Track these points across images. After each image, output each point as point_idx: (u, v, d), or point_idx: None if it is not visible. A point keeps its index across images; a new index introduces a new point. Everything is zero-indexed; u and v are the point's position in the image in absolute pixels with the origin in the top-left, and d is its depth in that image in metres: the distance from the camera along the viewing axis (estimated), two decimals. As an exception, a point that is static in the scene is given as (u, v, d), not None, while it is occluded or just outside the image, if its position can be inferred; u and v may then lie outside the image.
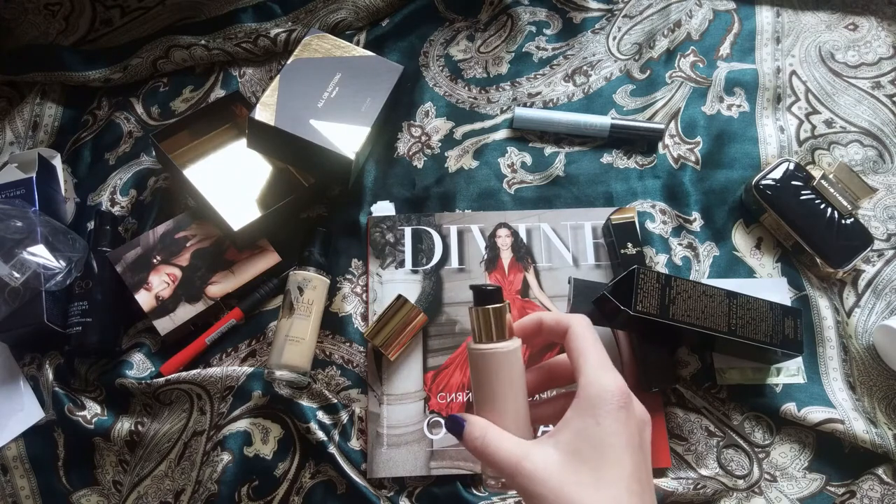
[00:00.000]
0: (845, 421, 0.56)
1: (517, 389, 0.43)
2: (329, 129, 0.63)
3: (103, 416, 0.61)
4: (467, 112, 0.73)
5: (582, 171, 0.69)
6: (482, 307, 0.43)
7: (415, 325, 0.60)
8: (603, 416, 0.37)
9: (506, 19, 0.77)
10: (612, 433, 0.37)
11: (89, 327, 0.61)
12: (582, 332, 0.42)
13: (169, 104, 0.76)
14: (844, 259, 0.61)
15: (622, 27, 0.76)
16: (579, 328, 0.42)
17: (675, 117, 0.70)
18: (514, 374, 0.43)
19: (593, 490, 0.36)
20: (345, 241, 0.67)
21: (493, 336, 0.43)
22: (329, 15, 0.76)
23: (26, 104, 0.76)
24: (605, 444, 0.37)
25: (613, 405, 0.38)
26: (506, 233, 0.65)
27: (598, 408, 0.38)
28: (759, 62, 0.72)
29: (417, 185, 0.69)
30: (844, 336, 0.61)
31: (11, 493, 0.60)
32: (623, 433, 0.37)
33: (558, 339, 0.43)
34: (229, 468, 0.57)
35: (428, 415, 0.59)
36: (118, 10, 0.80)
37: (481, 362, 0.43)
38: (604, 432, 0.37)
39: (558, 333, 0.43)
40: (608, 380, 0.39)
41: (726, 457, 0.58)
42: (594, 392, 0.38)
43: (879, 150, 0.68)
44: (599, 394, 0.38)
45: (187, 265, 0.64)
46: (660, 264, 0.64)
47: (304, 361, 0.59)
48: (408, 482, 0.58)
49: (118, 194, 0.70)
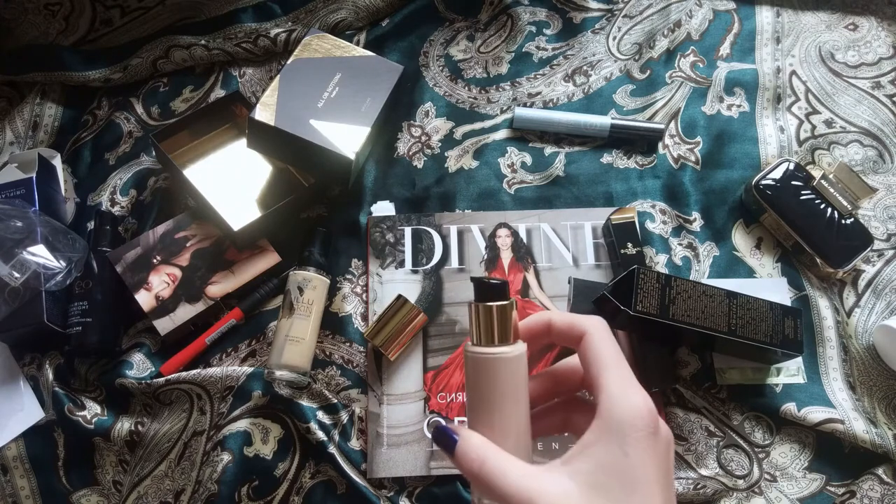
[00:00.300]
0: (845, 421, 0.56)
1: (520, 402, 0.37)
2: (329, 129, 0.63)
3: (103, 416, 0.61)
4: (467, 112, 0.73)
5: (582, 171, 0.69)
6: (484, 304, 0.37)
7: (415, 325, 0.60)
8: (632, 445, 0.32)
9: (506, 19, 0.77)
10: (641, 465, 0.32)
11: (89, 327, 0.61)
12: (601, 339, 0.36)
13: (169, 104, 0.76)
14: (844, 259, 0.61)
15: (622, 27, 0.76)
16: (598, 334, 0.36)
17: (675, 117, 0.70)
18: (517, 384, 0.37)
19: None
20: (345, 241, 0.67)
21: (496, 338, 0.36)
22: (329, 15, 0.76)
23: (26, 104, 0.76)
24: (634, 478, 0.32)
25: (644, 432, 0.32)
26: (506, 233, 0.65)
27: (626, 434, 0.32)
28: (759, 62, 0.72)
29: (417, 185, 0.69)
30: (844, 336, 0.61)
31: (11, 493, 0.60)
32: (653, 464, 0.32)
33: (571, 344, 0.38)
34: (229, 468, 0.57)
35: (428, 415, 0.59)
36: (118, 10, 0.80)
37: (480, 368, 0.37)
38: (632, 464, 0.32)
39: (572, 338, 0.37)
40: (636, 400, 0.33)
41: (726, 457, 0.58)
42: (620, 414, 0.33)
43: (879, 150, 0.68)
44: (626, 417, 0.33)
45: (187, 265, 0.64)
46: (660, 264, 0.64)
47: (304, 361, 0.59)
48: (408, 482, 0.58)
49: (118, 194, 0.70)
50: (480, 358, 0.37)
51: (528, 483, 0.32)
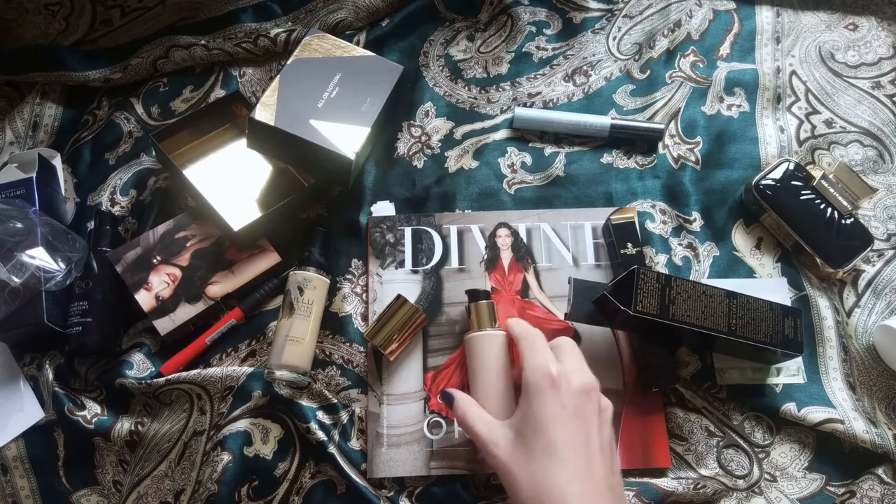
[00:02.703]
0: (845, 421, 0.56)
1: (501, 371, 0.53)
2: (329, 129, 0.63)
3: (103, 416, 0.61)
4: (467, 112, 0.73)
5: (582, 171, 0.69)
6: (476, 302, 0.57)
7: (414, 324, 0.60)
8: (533, 397, 0.46)
9: (506, 19, 0.77)
10: (542, 412, 0.45)
11: (89, 327, 0.61)
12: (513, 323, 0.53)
13: (169, 104, 0.76)
14: (844, 259, 0.61)
15: (622, 27, 0.76)
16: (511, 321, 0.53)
17: (675, 117, 0.70)
18: (498, 356, 0.54)
19: (525, 462, 0.44)
20: (345, 241, 0.67)
21: (484, 324, 0.56)
22: (329, 15, 0.76)
23: (26, 104, 0.76)
24: (538, 423, 0.45)
25: (541, 387, 0.46)
26: (506, 233, 0.65)
27: (529, 391, 0.46)
28: (759, 62, 0.72)
29: (417, 185, 0.69)
30: (844, 336, 0.61)
31: (11, 493, 0.60)
32: (553, 411, 0.45)
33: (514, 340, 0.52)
34: (229, 468, 0.57)
35: (428, 415, 0.59)
36: (118, 10, 0.80)
37: (473, 345, 0.56)
38: (535, 412, 0.45)
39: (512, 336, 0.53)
40: (533, 363, 0.47)
41: (726, 457, 0.57)
42: (526, 376, 0.47)
43: (879, 150, 0.68)
44: (528, 377, 0.47)
45: (187, 265, 0.64)
46: (660, 264, 0.64)
47: (304, 361, 0.59)
48: (408, 482, 0.58)
49: (118, 194, 0.70)
50: (474, 337, 0.56)
51: (487, 430, 0.48)
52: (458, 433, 0.58)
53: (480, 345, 0.55)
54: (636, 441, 0.57)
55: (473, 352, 0.55)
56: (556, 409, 0.45)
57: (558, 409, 0.45)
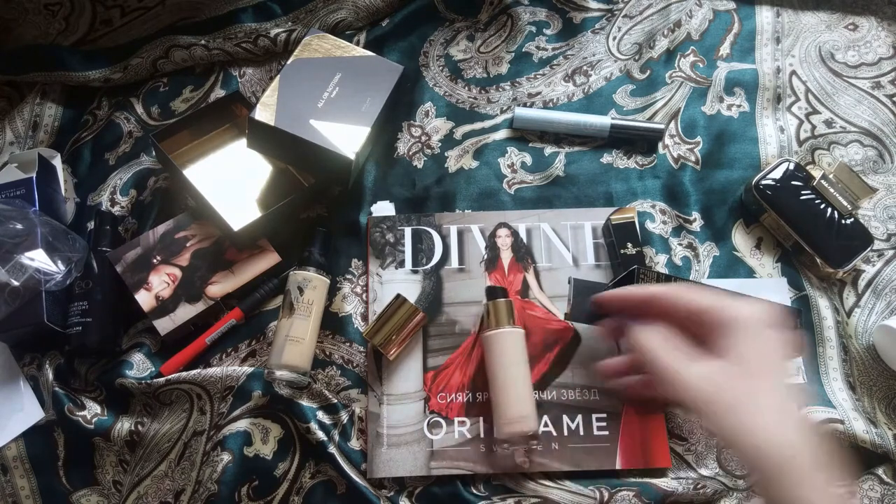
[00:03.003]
0: (845, 421, 0.56)
1: (521, 366, 0.55)
2: (329, 129, 0.63)
3: (103, 416, 0.61)
4: (467, 112, 0.73)
5: (582, 171, 0.69)
6: (494, 301, 0.57)
7: (414, 324, 0.60)
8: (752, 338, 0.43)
9: (506, 19, 0.77)
10: (757, 354, 0.43)
11: (89, 327, 0.61)
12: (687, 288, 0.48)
13: (169, 104, 0.76)
14: (844, 259, 0.61)
15: (622, 27, 0.76)
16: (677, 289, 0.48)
17: (675, 117, 0.70)
18: (516, 351, 0.56)
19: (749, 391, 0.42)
20: (345, 241, 0.67)
21: (504, 322, 0.56)
22: (329, 15, 0.76)
23: (26, 104, 0.76)
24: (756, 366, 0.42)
25: (757, 327, 0.43)
26: (506, 233, 0.65)
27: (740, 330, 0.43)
28: (759, 62, 0.72)
29: (417, 185, 0.69)
30: (844, 336, 0.61)
31: (11, 493, 0.60)
32: (766, 353, 0.43)
33: (679, 311, 0.47)
34: (229, 468, 0.57)
35: (428, 415, 0.59)
36: (118, 10, 0.80)
37: (491, 342, 0.56)
38: (755, 352, 0.43)
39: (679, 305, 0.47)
40: (745, 308, 0.44)
41: (726, 457, 0.57)
42: (735, 317, 0.44)
43: (879, 150, 0.68)
44: (740, 318, 0.44)
45: (187, 265, 0.64)
46: (660, 264, 0.64)
47: (304, 361, 0.59)
48: (408, 482, 0.58)
49: (118, 194, 0.70)
50: (494, 335, 0.56)
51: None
52: (457, 433, 0.58)
53: (500, 342, 0.56)
54: (636, 441, 0.57)
55: (493, 349, 0.56)
56: (773, 354, 0.44)
57: (774, 354, 0.44)
